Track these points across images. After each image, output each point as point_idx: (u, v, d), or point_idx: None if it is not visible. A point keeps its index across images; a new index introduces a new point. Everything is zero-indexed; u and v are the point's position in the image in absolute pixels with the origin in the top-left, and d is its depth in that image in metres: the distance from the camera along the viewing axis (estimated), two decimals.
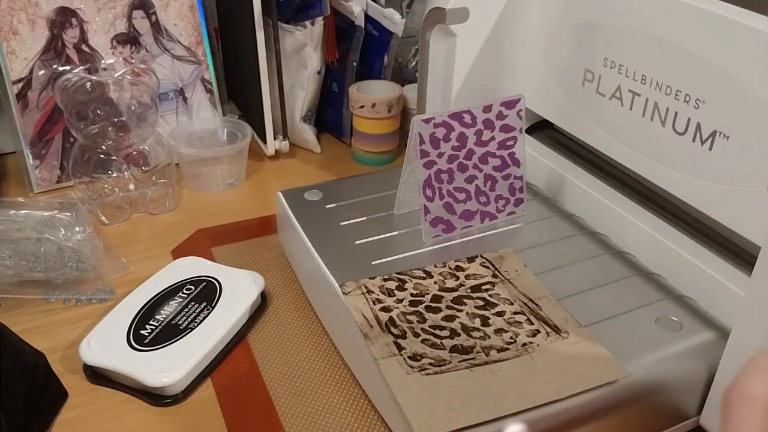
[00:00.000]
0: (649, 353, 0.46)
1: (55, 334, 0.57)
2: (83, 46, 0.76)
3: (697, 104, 0.48)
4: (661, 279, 0.53)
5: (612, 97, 0.56)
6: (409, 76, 0.93)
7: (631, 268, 0.54)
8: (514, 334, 0.47)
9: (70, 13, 0.75)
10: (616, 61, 0.54)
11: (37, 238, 0.60)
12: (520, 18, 0.63)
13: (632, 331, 0.48)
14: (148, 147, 0.73)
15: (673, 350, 0.47)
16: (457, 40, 0.62)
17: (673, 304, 0.50)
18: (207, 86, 0.84)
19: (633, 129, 0.54)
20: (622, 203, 0.58)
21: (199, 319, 0.55)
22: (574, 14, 0.58)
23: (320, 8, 0.78)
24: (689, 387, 0.46)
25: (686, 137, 0.50)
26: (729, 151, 0.47)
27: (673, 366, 0.46)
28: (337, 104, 0.87)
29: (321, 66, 0.83)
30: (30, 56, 0.74)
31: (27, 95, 0.74)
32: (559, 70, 0.61)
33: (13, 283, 0.60)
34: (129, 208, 0.74)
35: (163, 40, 0.80)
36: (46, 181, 0.77)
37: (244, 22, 0.77)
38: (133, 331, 0.54)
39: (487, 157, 0.57)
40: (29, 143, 0.75)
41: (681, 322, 0.48)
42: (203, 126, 0.82)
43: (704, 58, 0.47)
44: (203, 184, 0.79)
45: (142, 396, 0.51)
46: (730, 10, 0.45)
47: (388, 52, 0.84)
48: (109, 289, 0.62)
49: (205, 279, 0.60)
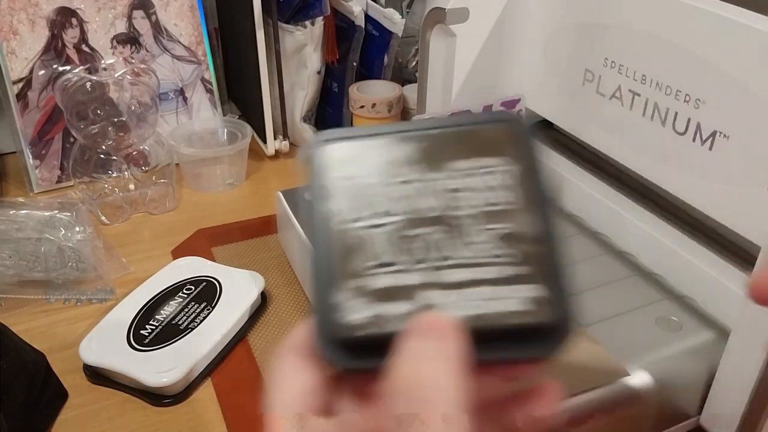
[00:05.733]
0: (649, 353, 0.46)
1: (55, 334, 0.57)
2: (83, 46, 0.76)
3: (697, 104, 0.48)
4: (661, 279, 0.53)
5: (612, 97, 0.56)
6: (410, 76, 0.93)
7: (631, 268, 0.53)
8: None
9: (70, 13, 0.75)
10: (617, 61, 0.54)
11: (37, 238, 0.60)
12: (520, 18, 0.63)
13: (632, 331, 0.48)
14: (148, 147, 0.73)
15: (673, 350, 0.46)
16: (457, 40, 0.62)
17: (673, 304, 0.50)
18: (207, 86, 0.84)
19: (633, 129, 0.54)
20: (621, 203, 0.58)
21: (199, 319, 0.55)
22: (574, 14, 0.58)
23: (320, 8, 0.78)
24: (689, 387, 0.46)
25: (686, 137, 0.50)
26: (729, 151, 0.47)
27: (673, 366, 0.46)
28: (337, 104, 0.87)
29: (321, 66, 0.83)
30: (30, 56, 0.74)
31: (27, 95, 0.74)
32: (559, 70, 0.61)
33: (13, 283, 0.60)
34: (129, 208, 0.74)
35: (163, 40, 0.80)
36: (46, 181, 0.77)
37: (244, 21, 0.77)
38: (133, 331, 0.54)
39: None
40: (29, 143, 0.75)
41: (681, 322, 0.48)
42: (203, 126, 0.82)
43: (704, 58, 0.47)
44: (203, 184, 0.79)
45: (142, 396, 0.51)
46: (731, 10, 0.45)
47: (388, 52, 0.84)
48: (109, 289, 0.62)
49: (205, 279, 0.60)
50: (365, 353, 0.23)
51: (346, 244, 0.24)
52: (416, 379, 0.21)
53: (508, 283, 0.23)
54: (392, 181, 0.25)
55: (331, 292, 0.23)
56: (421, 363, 0.21)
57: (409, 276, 0.23)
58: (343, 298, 0.23)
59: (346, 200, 0.25)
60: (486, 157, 0.25)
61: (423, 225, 0.24)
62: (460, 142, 0.25)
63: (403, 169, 0.25)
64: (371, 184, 0.25)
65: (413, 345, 0.22)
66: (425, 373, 0.21)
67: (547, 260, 0.23)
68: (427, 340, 0.22)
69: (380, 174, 0.25)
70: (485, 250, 0.23)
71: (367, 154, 0.25)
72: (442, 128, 0.26)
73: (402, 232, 0.24)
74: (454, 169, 0.25)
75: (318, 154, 0.26)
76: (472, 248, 0.23)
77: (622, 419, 0.45)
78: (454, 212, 0.24)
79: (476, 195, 0.24)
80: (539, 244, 0.24)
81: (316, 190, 0.25)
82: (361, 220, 0.24)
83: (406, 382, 0.21)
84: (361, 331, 0.23)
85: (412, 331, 0.22)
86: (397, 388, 0.21)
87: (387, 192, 0.24)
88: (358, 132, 0.26)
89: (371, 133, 0.26)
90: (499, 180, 0.24)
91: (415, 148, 0.25)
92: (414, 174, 0.25)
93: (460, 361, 0.21)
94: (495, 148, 0.25)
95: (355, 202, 0.24)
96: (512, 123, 0.26)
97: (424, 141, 0.25)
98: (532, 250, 0.23)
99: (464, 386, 0.21)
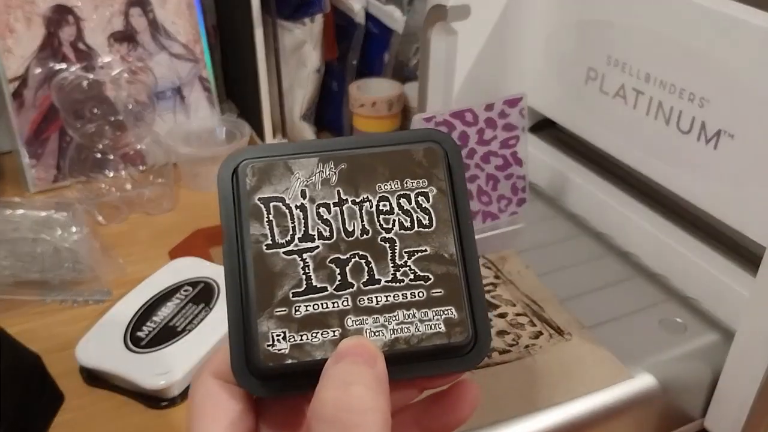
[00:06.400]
0: (653, 355, 0.46)
1: (51, 336, 0.57)
2: (80, 44, 0.76)
3: (702, 103, 0.48)
4: (665, 280, 0.52)
5: (615, 96, 0.55)
6: (411, 75, 0.92)
7: (635, 269, 0.53)
8: (516, 336, 0.46)
9: (67, 10, 0.74)
10: (620, 59, 0.54)
11: (33, 239, 0.60)
12: (522, 15, 0.63)
13: (636, 333, 0.47)
14: (145, 146, 0.72)
15: (678, 352, 0.46)
16: (458, 38, 0.61)
17: (678, 305, 0.50)
18: (205, 85, 0.83)
19: (637, 128, 0.54)
20: (625, 203, 0.57)
21: (197, 321, 0.54)
22: (576, 11, 0.58)
23: (320, 5, 0.77)
24: (694, 389, 0.46)
25: (691, 136, 0.49)
26: (734, 151, 0.46)
27: (677, 368, 0.45)
28: (337, 103, 0.87)
29: (320, 64, 0.83)
30: (26, 54, 0.73)
31: (23, 94, 0.74)
32: (562, 68, 0.61)
33: (8, 283, 0.60)
34: (126, 208, 0.73)
35: (160, 38, 0.79)
36: (42, 181, 0.77)
37: (243, 19, 0.77)
38: (130, 332, 0.53)
39: (489, 157, 0.57)
40: (25, 142, 0.75)
41: (685, 324, 0.48)
42: (201, 125, 0.82)
43: (709, 56, 0.46)
44: (201, 184, 0.78)
45: (140, 398, 0.51)
46: (735, 7, 0.45)
47: (388, 50, 0.84)
48: (106, 290, 0.61)
49: (203, 280, 0.59)
50: (286, 382, 0.24)
51: (271, 269, 0.24)
52: (341, 405, 0.21)
53: (424, 306, 0.24)
54: (317, 203, 0.25)
55: (253, 320, 0.23)
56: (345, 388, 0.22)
57: (331, 302, 0.24)
58: (266, 327, 0.23)
59: (271, 223, 0.24)
60: (407, 178, 0.25)
61: (348, 249, 0.24)
62: (382, 163, 0.25)
63: (328, 190, 0.25)
64: (297, 206, 0.25)
65: (336, 371, 0.22)
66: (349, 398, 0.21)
67: (461, 281, 0.24)
68: (349, 365, 0.22)
69: (305, 196, 0.25)
70: (404, 273, 0.24)
71: (290, 174, 0.25)
72: (364, 148, 0.26)
73: (329, 255, 0.24)
74: (376, 191, 0.25)
75: (241, 173, 0.25)
76: (391, 272, 0.24)
77: (626, 421, 0.45)
78: (376, 235, 0.25)
79: (397, 217, 0.25)
80: (453, 265, 0.25)
81: (241, 211, 0.25)
82: (288, 245, 0.24)
83: (331, 408, 0.21)
84: (283, 361, 0.23)
85: (335, 357, 0.23)
86: (322, 414, 0.21)
87: (312, 215, 0.25)
88: (280, 150, 0.26)
89: (294, 152, 0.25)
90: (419, 202, 0.25)
91: (339, 168, 0.25)
92: (337, 196, 0.25)
93: (382, 384, 0.22)
94: (414, 170, 0.25)
95: (282, 226, 0.24)
96: (432, 143, 0.26)
97: (347, 162, 0.25)
98: (446, 272, 0.24)
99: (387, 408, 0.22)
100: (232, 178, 0.25)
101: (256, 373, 0.24)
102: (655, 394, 0.44)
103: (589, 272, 0.53)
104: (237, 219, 0.25)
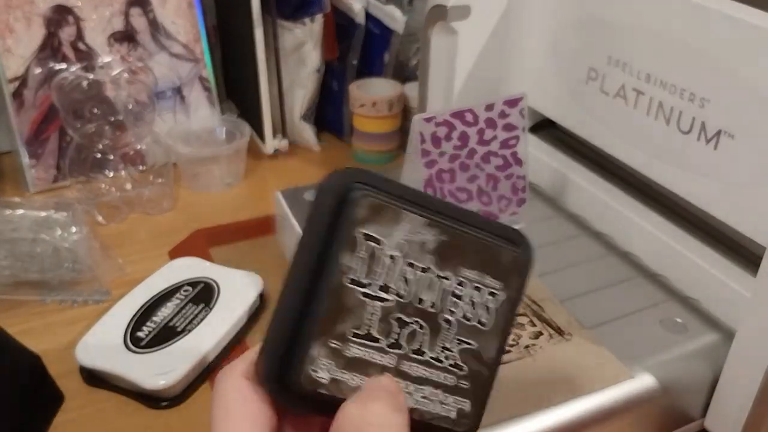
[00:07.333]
0: (654, 355, 0.45)
1: (50, 336, 0.57)
2: (80, 44, 0.76)
3: (702, 103, 0.48)
4: (666, 280, 0.52)
5: (616, 96, 0.55)
6: (411, 75, 0.92)
7: (635, 269, 0.53)
8: (516, 336, 0.46)
9: (67, 10, 0.74)
10: (620, 60, 0.54)
11: (32, 239, 0.60)
12: (523, 15, 0.63)
13: (636, 333, 0.47)
14: (145, 146, 0.72)
15: (678, 352, 0.46)
16: (458, 38, 0.61)
17: (678, 305, 0.50)
18: (205, 84, 0.83)
19: (637, 128, 0.54)
20: (626, 203, 0.57)
21: (197, 321, 0.54)
22: (577, 11, 0.58)
23: (320, 5, 0.77)
24: (694, 389, 0.46)
25: (691, 136, 0.49)
26: (734, 151, 0.46)
27: (677, 368, 0.45)
28: (337, 102, 0.87)
29: (320, 64, 0.83)
30: (26, 54, 0.73)
31: (23, 94, 0.74)
32: (563, 68, 0.61)
33: (8, 283, 0.60)
34: (126, 208, 0.73)
35: (160, 37, 0.79)
36: (42, 181, 0.77)
37: (243, 19, 0.77)
38: (130, 332, 0.53)
39: (489, 157, 0.57)
40: (25, 142, 0.75)
41: (686, 324, 0.48)
42: (201, 125, 0.82)
43: (709, 56, 0.46)
44: (201, 184, 0.78)
45: (140, 399, 0.51)
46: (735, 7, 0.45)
47: (389, 50, 0.84)
48: (106, 291, 0.61)
49: (202, 280, 0.59)
50: (311, 403, 0.25)
51: (344, 302, 0.25)
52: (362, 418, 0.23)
53: (449, 391, 0.27)
54: (408, 261, 0.26)
55: (306, 340, 0.25)
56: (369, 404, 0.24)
57: (380, 355, 0.26)
58: (317, 352, 0.25)
59: (362, 261, 0.25)
60: (488, 275, 0.28)
61: (414, 314, 0.26)
62: (474, 250, 0.27)
63: (420, 254, 0.26)
64: (390, 256, 0.26)
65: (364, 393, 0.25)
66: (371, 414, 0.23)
67: (486, 383, 0.28)
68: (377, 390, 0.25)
69: (400, 249, 0.26)
70: (446, 356, 0.27)
71: (397, 223, 0.26)
72: (467, 227, 0.27)
73: (395, 313, 0.26)
74: (458, 273, 0.27)
75: (355, 198, 0.25)
76: (438, 350, 0.27)
77: (626, 422, 0.45)
78: (441, 312, 0.27)
79: (464, 305, 0.27)
80: (486, 368, 0.28)
81: (336, 233, 0.25)
82: (367, 288, 0.25)
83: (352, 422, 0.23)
84: (319, 389, 0.25)
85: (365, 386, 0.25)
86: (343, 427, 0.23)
87: (399, 270, 0.26)
88: (395, 190, 0.26)
89: (408, 201, 0.26)
90: (487, 300, 0.28)
91: (437, 238, 0.26)
92: (425, 263, 0.26)
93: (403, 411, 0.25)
94: (497, 269, 0.28)
95: (370, 268, 0.25)
96: (522, 252, 0.29)
97: (449, 235, 0.27)
98: (478, 371, 0.28)
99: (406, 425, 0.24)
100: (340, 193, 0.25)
101: (286, 386, 0.25)
102: (655, 394, 0.44)
103: (589, 272, 0.53)
104: (327, 237, 0.25)
